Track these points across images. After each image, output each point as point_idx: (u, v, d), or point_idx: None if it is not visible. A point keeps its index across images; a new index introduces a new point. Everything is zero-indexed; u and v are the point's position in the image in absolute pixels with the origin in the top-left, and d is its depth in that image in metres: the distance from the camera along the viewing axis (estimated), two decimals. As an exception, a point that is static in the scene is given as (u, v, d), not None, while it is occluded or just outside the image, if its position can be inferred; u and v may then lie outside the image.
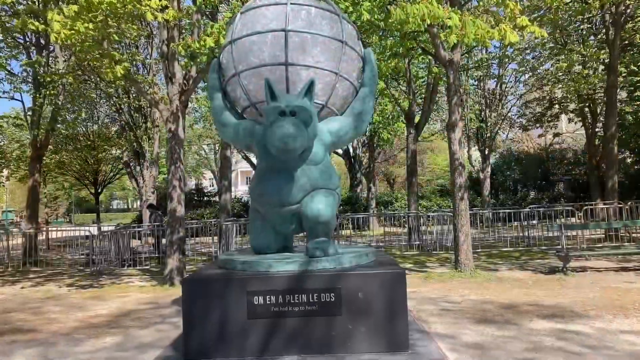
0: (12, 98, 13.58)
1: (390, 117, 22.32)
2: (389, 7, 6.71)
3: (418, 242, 14.42)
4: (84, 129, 26.68)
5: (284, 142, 4.75)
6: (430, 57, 11.88)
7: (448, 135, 9.59)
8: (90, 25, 7.20)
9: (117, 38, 8.32)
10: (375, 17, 7.23)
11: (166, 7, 7.68)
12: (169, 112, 9.31)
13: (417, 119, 15.52)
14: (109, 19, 7.57)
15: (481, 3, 6.87)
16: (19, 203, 50.90)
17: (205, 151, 44.99)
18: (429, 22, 6.47)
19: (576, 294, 7.42)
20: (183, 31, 10.74)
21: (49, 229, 18.69)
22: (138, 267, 12.68)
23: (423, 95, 16.20)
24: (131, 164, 24.55)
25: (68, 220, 65.04)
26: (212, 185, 53.01)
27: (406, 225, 16.38)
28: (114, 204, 79.14)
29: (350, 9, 7.33)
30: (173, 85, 9.41)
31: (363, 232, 21.52)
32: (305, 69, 5.37)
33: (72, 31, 7.08)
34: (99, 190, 30.14)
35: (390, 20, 6.54)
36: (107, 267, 12.53)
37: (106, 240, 12.81)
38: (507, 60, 22.84)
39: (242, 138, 5.59)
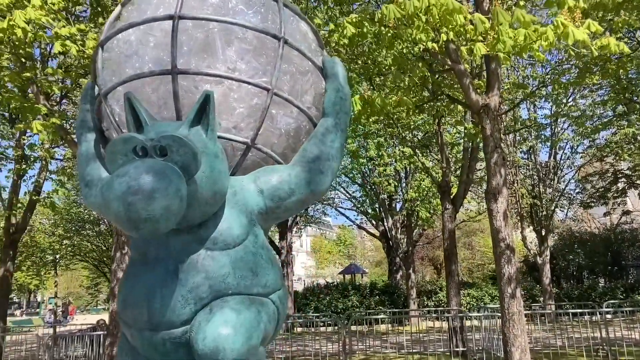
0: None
1: (430, 193, 19.80)
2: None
3: (462, 349, 11.34)
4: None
5: (127, 206, 2.39)
6: (461, 107, 9.57)
7: (488, 206, 6.98)
8: (-15, 64, 5.39)
9: (47, 84, 6.49)
10: (365, 29, 5.04)
11: (86, 32, 5.76)
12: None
13: (453, 191, 12.98)
14: (20, 58, 5.77)
15: (521, 3, 4.64)
16: (64, 289, 49.87)
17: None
18: (437, 22, 4.23)
19: None
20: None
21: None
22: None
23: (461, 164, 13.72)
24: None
25: (108, 307, 63.44)
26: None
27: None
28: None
29: (332, 26, 5.26)
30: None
31: (401, 328, 18.34)
32: (215, 81, 3.13)
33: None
34: (120, 278, 28.04)
35: (385, 31, 4.40)
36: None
37: (72, 343, 10.50)
38: (559, 126, 20.19)
39: (112, 204, 3.28)
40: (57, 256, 23.97)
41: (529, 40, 4.20)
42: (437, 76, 7.80)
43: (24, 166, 11.63)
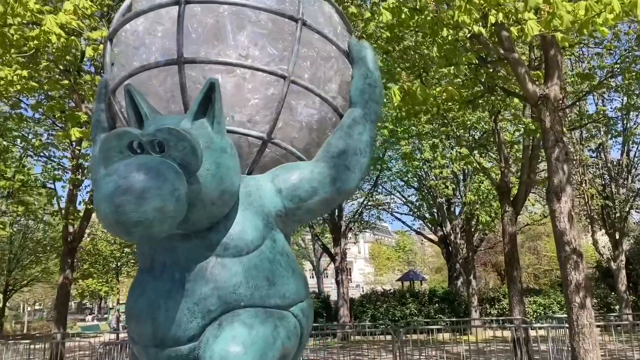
0: (43, 186, 12.58)
1: (490, 195, 18.87)
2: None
3: (527, 362, 10.54)
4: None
5: (115, 207, 2.12)
6: (516, 100, 8.86)
7: (550, 206, 6.33)
8: (24, 72, 5.37)
9: (91, 92, 6.48)
10: (404, 15, 4.58)
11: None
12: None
13: (514, 192, 12.17)
14: (58, 65, 5.76)
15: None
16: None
17: (304, 241, 43.21)
18: (482, 2, 3.75)
19: None
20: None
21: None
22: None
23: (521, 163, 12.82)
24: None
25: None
26: (312, 277, 51.22)
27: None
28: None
29: (367, 14, 4.88)
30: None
31: (462, 337, 17.49)
32: (225, 70, 2.84)
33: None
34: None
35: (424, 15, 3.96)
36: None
37: (124, 350, 10.57)
38: (632, 120, 18.66)
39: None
40: (119, 264, 24.74)
41: (591, 14, 3.59)
42: (490, 68, 7.21)
43: (79, 176, 11.97)
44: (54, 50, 5.27)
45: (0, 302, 27.80)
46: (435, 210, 23.50)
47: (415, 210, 25.01)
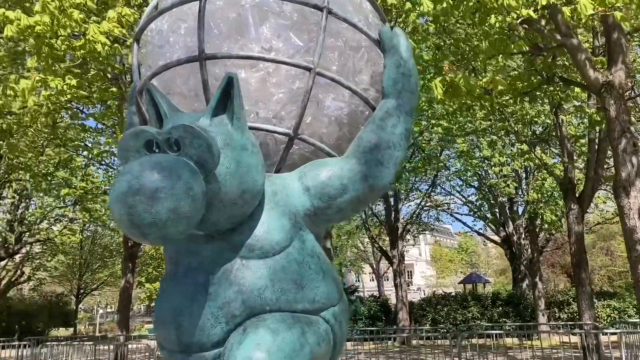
0: (105, 193, 13.01)
1: (555, 193, 17.88)
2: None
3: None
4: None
5: (127, 209, 2.03)
6: (577, 90, 8.21)
7: (618, 202, 5.84)
8: (73, 82, 5.51)
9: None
10: (446, 3, 4.28)
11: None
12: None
13: (579, 189, 11.40)
14: (106, 73, 5.89)
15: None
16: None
17: (363, 244, 42.98)
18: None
19: None
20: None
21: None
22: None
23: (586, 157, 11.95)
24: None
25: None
26: (372, 280, 50.86)
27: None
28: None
29: (408, 5, 4.62)
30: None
31: (528, 342, 16.65)
32: (249, 65, 2.72)
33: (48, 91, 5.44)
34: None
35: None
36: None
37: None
38: None
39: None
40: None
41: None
42: (548, 57, 6.74)
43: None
44: (100, 59, 5.42)
45: (74, 305, 29.36)
46: (496, 210, 22.61)
47: (476, 210, 24.16)
